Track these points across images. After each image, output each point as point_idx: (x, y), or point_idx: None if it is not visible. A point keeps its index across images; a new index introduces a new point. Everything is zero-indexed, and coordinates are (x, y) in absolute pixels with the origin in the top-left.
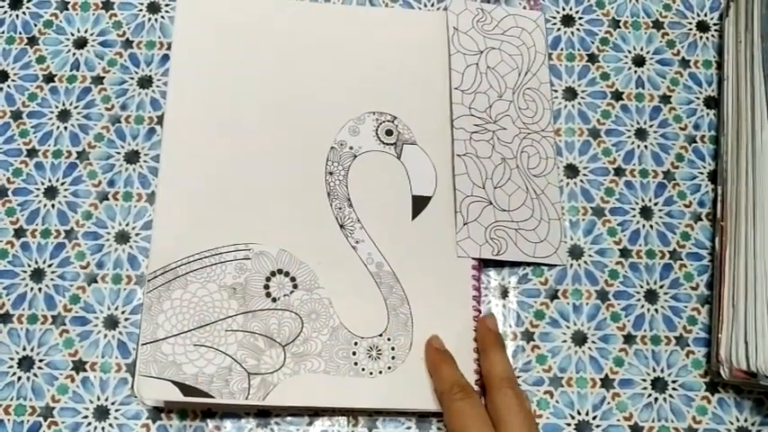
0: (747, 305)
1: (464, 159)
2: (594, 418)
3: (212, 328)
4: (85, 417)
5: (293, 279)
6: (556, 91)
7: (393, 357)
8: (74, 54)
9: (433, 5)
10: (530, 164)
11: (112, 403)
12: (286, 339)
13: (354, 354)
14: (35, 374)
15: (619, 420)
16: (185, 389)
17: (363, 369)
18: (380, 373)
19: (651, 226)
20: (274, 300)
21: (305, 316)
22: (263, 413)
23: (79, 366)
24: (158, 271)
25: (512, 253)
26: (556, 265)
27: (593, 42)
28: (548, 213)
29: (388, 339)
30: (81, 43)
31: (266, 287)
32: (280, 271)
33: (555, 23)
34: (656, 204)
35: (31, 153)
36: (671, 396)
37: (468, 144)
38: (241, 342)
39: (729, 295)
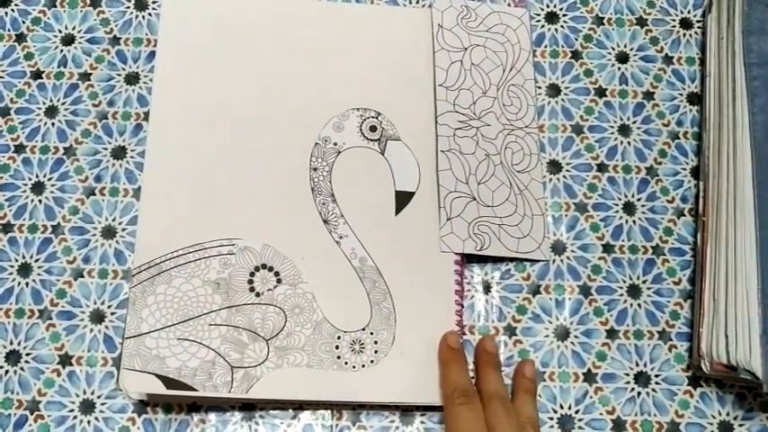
0: (728, 299)
1: (447, 155)
2: (577, 412)
3: (196, 322)
4: (71, 410)
5: (277, 274)
6: (540, 87)
7: (376, 351)
8: (61, 51)
9: (417, 2)
10: (513, 160)
11: (98, 397)
12: (269, 333)
13: (337, 348)
14: (22, 368)
15: (601, 414)
16: (168, 382)
17: (346, 363)
18: (363, 366)
19: (634, 221)
20: (258, 294)
21: (288, 310)
22: (248, 407)
23: (65, 360)
24: (143, 266)
25: (495, 248)
26: (539, 261)
27: (576, 39)
28: (531, 209)
29: (371, 333)
30: (69, 40)
31: (250, 282)
32: (264, 266)
33: (539, 20)
34: (638, 200)
35: (19, 149)
36: (653, 390)
37: (451, 140)
38: (224, 336)
39: (710, 289)
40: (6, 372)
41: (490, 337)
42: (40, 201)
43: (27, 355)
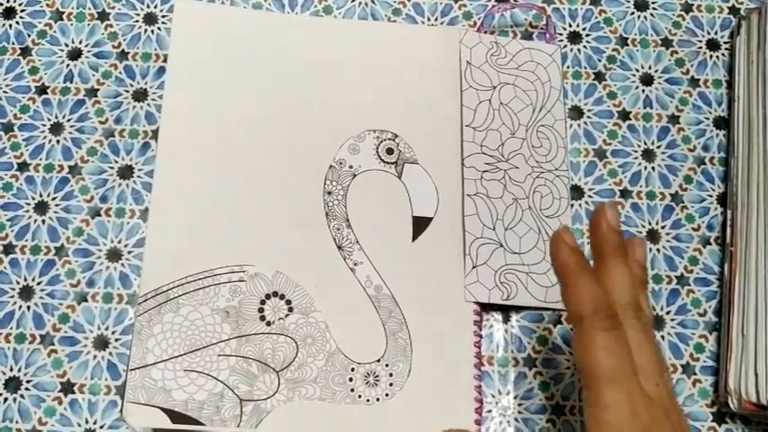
0: (758, 335)
1: (474, 199)
2: None
3: (204, 352)
4: None
5: (288, 302)
6: (571, 126)
7: (391, 384)
8: (67, 65)
9: (437, 19)
10: (542, 204)
11: (101, 427)
12: (280, 365)
13: (351, 380)
14: (22, 396)
15: None
16: (174, 416)
17: (360, 396)
18: (378, 400)
19: (658, 250)
20: (269, 323)
21: (300, 340)
22: None
23: (67, 388)
24: (149, 294)
25: (522, 298)
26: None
27: (600, 60)
28: None
29: (386, 365)
30: (75, 54)
31: (261, 310)
32: (275, 294)
33: (561, 40)
34: (663, 228)
35: (22, 167)
36: None
37: (478, 183)
38: (234, 367)
39: (739, 324)
40: (5, 399)
41: (611, 206)
42: (43, 221)
43: (27, 382)
